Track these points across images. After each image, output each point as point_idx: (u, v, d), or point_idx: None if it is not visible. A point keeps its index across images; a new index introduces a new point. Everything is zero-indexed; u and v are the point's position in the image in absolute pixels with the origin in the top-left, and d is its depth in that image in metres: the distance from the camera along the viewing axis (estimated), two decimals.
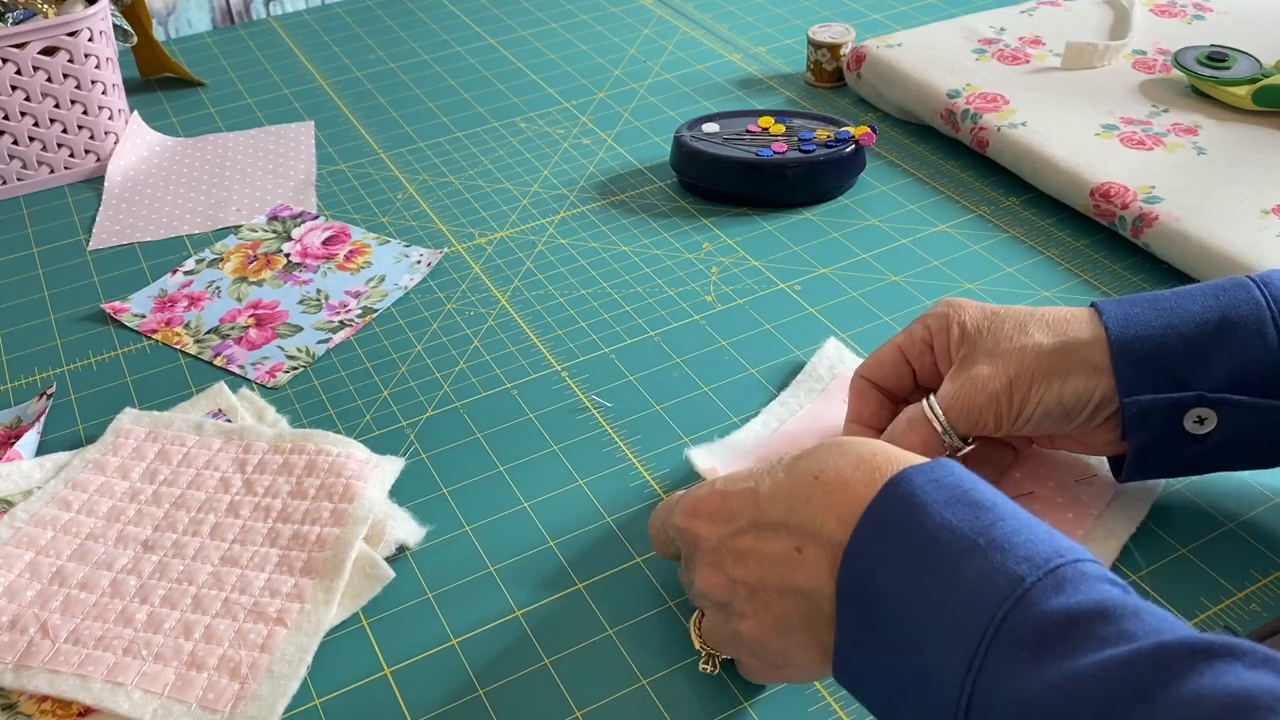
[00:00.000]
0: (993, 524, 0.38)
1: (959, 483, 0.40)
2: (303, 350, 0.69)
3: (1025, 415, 0.50)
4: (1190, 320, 0.49)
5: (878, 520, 0.40)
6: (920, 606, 0.37)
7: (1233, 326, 0.48)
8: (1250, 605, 0.51)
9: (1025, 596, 0.35)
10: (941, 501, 0.39)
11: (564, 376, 0.67)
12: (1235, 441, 0.49)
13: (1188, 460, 0.50)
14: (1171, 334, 0.49)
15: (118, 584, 0.53)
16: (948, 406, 0.51)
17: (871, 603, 0.39)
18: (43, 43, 0.82)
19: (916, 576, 0.38)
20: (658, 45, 1.05)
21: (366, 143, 0.92)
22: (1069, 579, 0.36)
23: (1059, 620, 0.35)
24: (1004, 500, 0.40)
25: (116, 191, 0.86)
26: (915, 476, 0.40)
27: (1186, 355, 0.48)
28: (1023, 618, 0.35)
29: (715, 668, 0.48)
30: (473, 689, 0.49)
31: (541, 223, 0.81)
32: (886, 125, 0.91)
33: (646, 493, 0.59)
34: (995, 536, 0.38)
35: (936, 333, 0.53)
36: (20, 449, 0.61)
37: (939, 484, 0.40)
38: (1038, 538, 0.38)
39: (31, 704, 0.49)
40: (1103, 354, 0.49)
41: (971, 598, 0.36)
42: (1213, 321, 0.48)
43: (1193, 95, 0.85)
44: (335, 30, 1.12)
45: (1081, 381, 0.49)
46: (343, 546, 0.53)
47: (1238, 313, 0.48)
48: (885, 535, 0.39)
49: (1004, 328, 0.52)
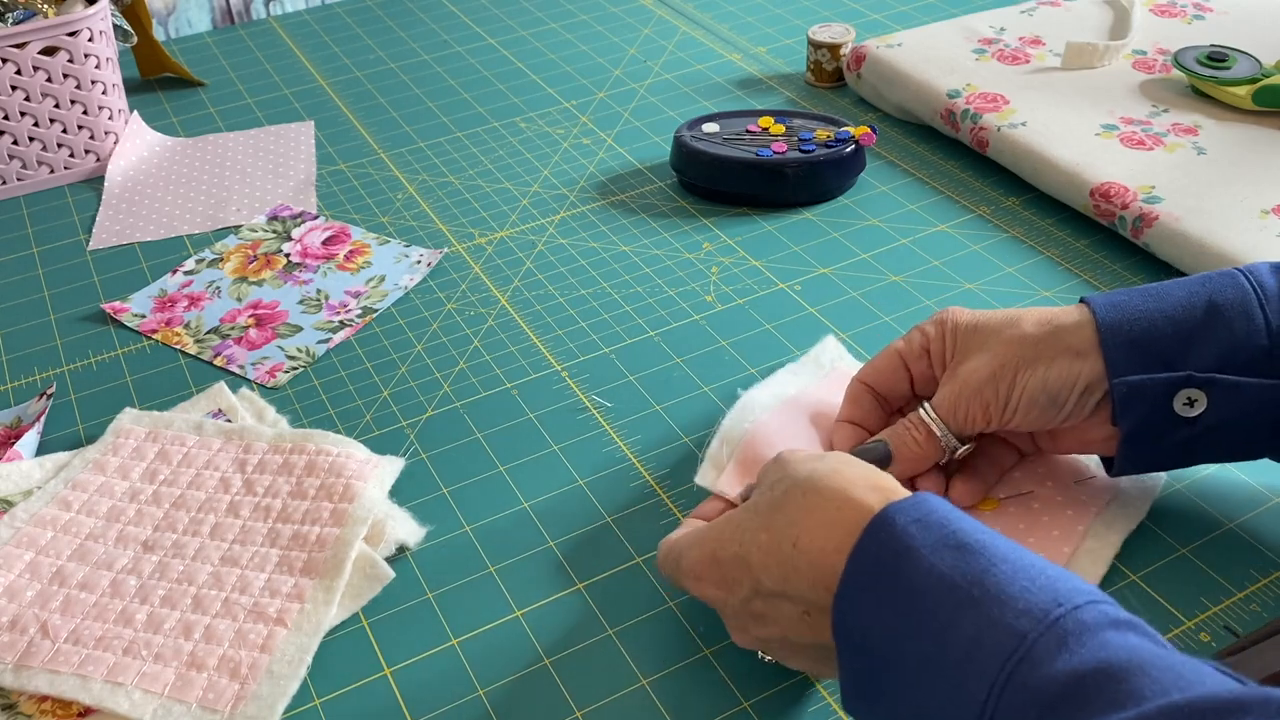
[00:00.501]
0: (985, 571, 0.37)
1: (943, 521, 0.39)
2: (303, 350, 0.69)
3: (1012, 404, 0.50)
4: (1177, 305, 0.49)
5: (864, 567, 0.39)
6: (919, 665, 0.37)
7: (1219, 310, 0.48)
8: (1250, 605, 0.51)
9: (1029, 655, 0.35)
10: (929, 545, 0.38)
11: (564, 376, 0.67)
12: (1225, 423, 0.49)
13: (1179, 446, 0.50)
14: (1160, 318, 0.49)
15: (118, 584, 0.53)
16: (939, 405, 0.52)
17: (868, 655, 0.39)
18: (43, 43, 0.82)
19: (911, 632, 0.37)
20: (658, 45, 1.05)
21: (366, 143, 0.92)
22: (1071, 632, 0.35)
23: (1064, 681, 0.34)
24: (991, 538, 0.39)
25: (116, 191, 0.86)
26: (898, 517, 0.40)
27: (1174, 338, 0.48)
28: (1025, 681, 0.34)
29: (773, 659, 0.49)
30: (473, 689, 0.49)
31: (541, 223, 0.81)
32: (886, 125, 0.91)
33: (646, 492, 0.59)
34: (990, 586, 0.37)
35: (934, 338, 0.54)
36: (20, 449, 0.61)
37: (924, 524, 0.39)
38: (1034, 584, 0.37)
39: (31, 704, 0.49)
40: (1088, 338, 0.49)
41: (972, 657, 0.35)
42: (1200, 306, 0.49)
43: (1193, 95, 0.85)
44: (335, 30, 1.12)
45: (1065, 366, 0.49)
46: (343, 547, 0.53)
47: (1224, 297, 0.49)
48: (873, 584, 0.39)
49: (994, 323, 0.52)
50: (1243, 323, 0.48)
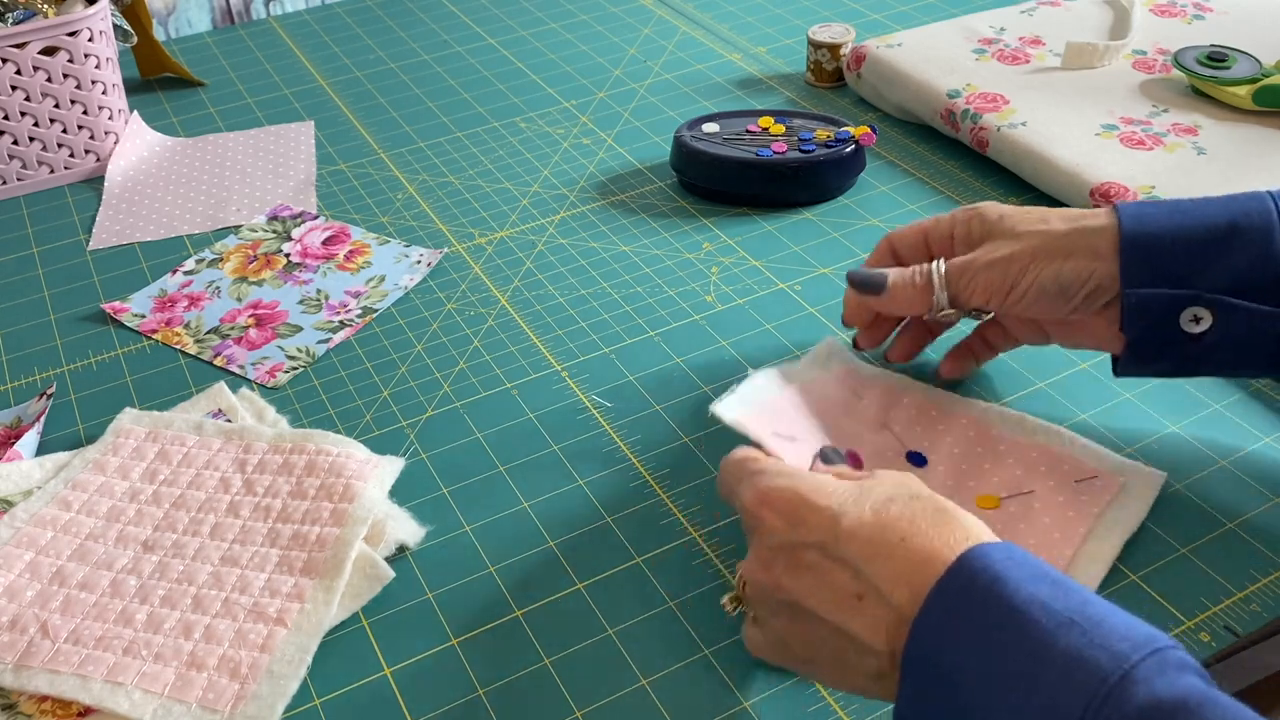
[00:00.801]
0: (1085, 603, 0.37)
1: (1037, 562, 0.39)
2: (303, 350, 0.69)
3: (1020, 289, 0.52)
4: (1200, 224, 0.51)
5: (953, 593, 0.39)
6: (1008, 686, 0.36)
7: (1240, 232, 0.50)
8: (1250, 605, 0.51)
9: (1131, 673, 0.34)
10: (1025, 577, 0.38)
11: (564, 376, 0.67)
12: (1228, 343, 0.50)
13: (1181, 359, 0.52)
14: (1181, 235, 0.51)
15: (118, 584, 0.53)
16: (951, 266, 0.55)
17: (942, 678, 0.38)
18: (43, 43, 0.82)
19: (1002, 652, 0.37)
20: (658, 45, 1.05)
21: (366, 143, 0.92)
22: (1170, 663, 0.35)
23: (1168, 703, 0.34)
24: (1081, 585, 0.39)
25: (116, 191, 0.86)
26: (993, 552, 0.39)
27: (1191, 256, 0.50)
28: (1126, 697, 0.34)
29: (733, 611, 0.48)
30: (473, 689, 0.49)
31: (541, 223, 0.81)
32: (886, 125, 0.91)
33: (646, 492, 0.59)
34: (1091, 614, 0.37)
35: (960, 222, 0.57)
36: (20, 449, 0.61)
37: (1016, 561, 0.39)
38: (1132, 621, 0.37)
39: (31, 704, 0.49)
40: (1109, 243, 0.51)
41: (1071, 673, 0.35)
42: (1221, 227, 0.50)
43: (1193, 95, 0.85)
44: (335, 30, 1.12)
45: (1083, 264, 0.51)
46: (343, 547, 0.53)
47: (1248, 220, 0.50)
48: (963, 611, 0.38)
49: (1022, 216, 0.54)
50: (1260, 247, 0.49)
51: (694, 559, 0.55)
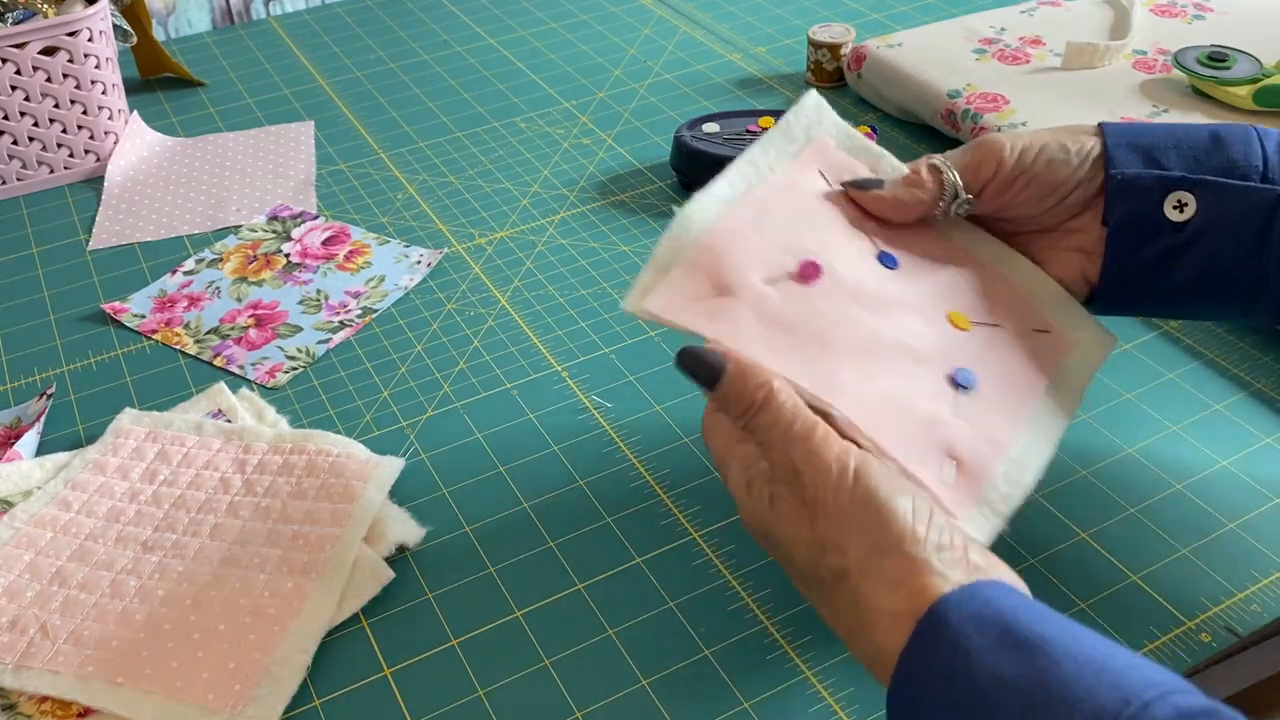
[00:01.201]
0: (1047, 669, 0.36)
1: (998, 614, 0.38)
2: (303, 350, 0.69)
3: (1028, 154, 0.52)
4: (1184, 130, 0.53)
5: (918, 673, 0.38)
6: None
7: (1221, 139, 0.52)
8: (1250, 605, 0.51)
9: None
10: (988, 646, 0.37)
11: (564, 376, 0.67)
12: (1211, 229, 0.50)
13: (1164, 253, 0.51)
14: (1165, 134, 0.52)
15: (117, 584, 0.53)
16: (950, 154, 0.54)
17: None
18: (43, 43, 0.82)
19: None
20: (658, 45, 1.05)
21: (366, 143, 0.92)
22: None
23: None
24: (1053, 628, 0.37)
25: (116, 191, 0.86)
26: (952, 614, 0.38)
27: (1176, 151, 0.52)
28: None
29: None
30: (473, 689, 0.49)
31: (541, 223, 0.81)
32: (886, 125, 0.91)
33: (646, 492, 0.59)
34: (1054, 687, 0.35)
35: (963, 150, 0.55)
36: (20, 449, 0.61)
37: (979, 621, 0.38)
38: (1100, 681, 0.35)
39: (31, 704, 0.49)
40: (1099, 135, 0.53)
41: None
42: (1204, 135, 0.52)
43: (1193, 95, 0.85)
44: (335, 30, 1.12)
45: (1079, 137, 0.53)
46: (343, 547, 0.53)
47: (1229, 133, 0.52)
48: (928, 691, 0.37)
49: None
50: (1241, 149, 0.51)
51: (694, 559, 0.55)
